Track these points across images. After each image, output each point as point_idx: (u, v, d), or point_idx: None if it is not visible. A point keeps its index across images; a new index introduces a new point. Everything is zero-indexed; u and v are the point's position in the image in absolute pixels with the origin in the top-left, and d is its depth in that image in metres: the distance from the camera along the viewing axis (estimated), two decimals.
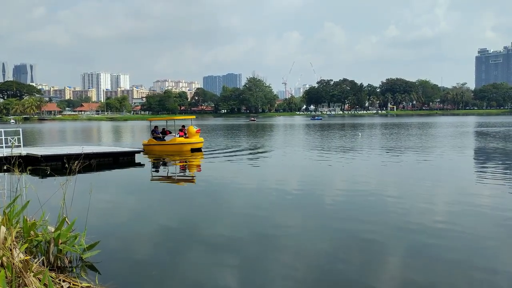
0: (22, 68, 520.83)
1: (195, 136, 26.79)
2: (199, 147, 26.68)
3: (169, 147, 26.45)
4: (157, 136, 27.48)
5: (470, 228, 8.99)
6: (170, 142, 26.63)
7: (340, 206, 11.35)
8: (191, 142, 26.36)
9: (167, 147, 26.42)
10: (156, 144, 26.95)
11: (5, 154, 17.09)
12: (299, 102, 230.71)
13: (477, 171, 18.06)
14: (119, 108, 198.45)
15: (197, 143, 26.72)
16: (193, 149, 26.08)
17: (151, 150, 26.45)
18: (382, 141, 34.63)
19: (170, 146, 26.44)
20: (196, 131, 26.89)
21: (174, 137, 26.85)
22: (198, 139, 26.98)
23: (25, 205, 7.17)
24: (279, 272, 6.78)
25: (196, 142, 26.70)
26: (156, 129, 28.18)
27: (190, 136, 26.69)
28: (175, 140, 26.52)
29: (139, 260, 7.34)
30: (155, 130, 27.97)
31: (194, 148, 26.25)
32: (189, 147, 26.09)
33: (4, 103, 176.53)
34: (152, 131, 27.98)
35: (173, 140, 26.59)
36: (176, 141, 26.44)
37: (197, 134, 26.97)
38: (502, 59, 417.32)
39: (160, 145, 26.79)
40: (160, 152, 26.05)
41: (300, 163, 21.34)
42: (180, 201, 12.49)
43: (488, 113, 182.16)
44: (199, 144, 26.85)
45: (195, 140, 26.65)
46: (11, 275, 5.15)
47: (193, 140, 26.60)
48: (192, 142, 26.39)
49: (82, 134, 56.09)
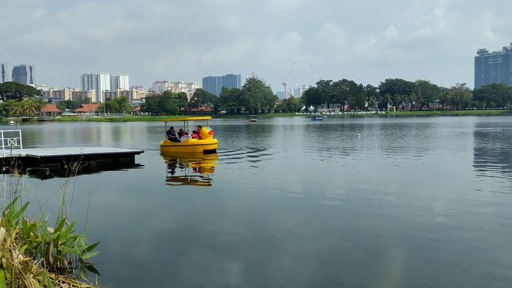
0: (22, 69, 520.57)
1: (208, 138, 26.06)
2: (212, 149, 25.84)
3: (181, 148, 26.14)
4: (172, 137, 27.12)
5: (471, 229, 8.99)
6: (182, 143, 26.30)
7: (341, 207, 11.35)
8: (203, 144, 25.66)
9: (180, 149, 26.13)
10: (170, 145, 26.71)
11: (5, 155, 17.10)
12: (298, 103, 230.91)
13: (477, 171, 18.06)
14: (119, 109, 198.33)
15: (210, 145, 25.88)
16: (206, 151, 25.34)
17: (166, 151, 26.36)
18: (382, 141, 34.64)
19: (183, 147, 26.11)
20: (209, 132, 26.09)
21: (188, 138, 26.46)
22: (211, 140, 26.18)
23: (25, 206, 7.17)
24: (280, 274, 6.77)
25: (209, 143, 25.87)
26: (172, 130, 27.74)
27: (203, 137, 26.04)
28: (188, 141, 26.11)
29: (139, 261, 7.34)
30: (170, 131, 27.59)
31: (207, 149, 25.48)
32: (201, 149, 25.40)
33: (3, 104, 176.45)
34: (168, 132, 27.65)
35: (186, 141, 26.22)
36: (189, 142, 25.98)
37: (210, 135, 26.18)
38: (501, 59, 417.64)
39: (174, 146, 26.52)
40: (174, 153, 25.75)
41: (303, 164, 21.34)
42: (180, 202, 12.48)
43: (487, 114, 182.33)
44: (211, 145, 26.00)
45: (207, 142, 25.88)
46: (11, 276, 5.15)
47: (206, 141, 25.85)
48: (204, 144, 25.66)
49: (81, 135, 56.06)
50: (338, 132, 50.87)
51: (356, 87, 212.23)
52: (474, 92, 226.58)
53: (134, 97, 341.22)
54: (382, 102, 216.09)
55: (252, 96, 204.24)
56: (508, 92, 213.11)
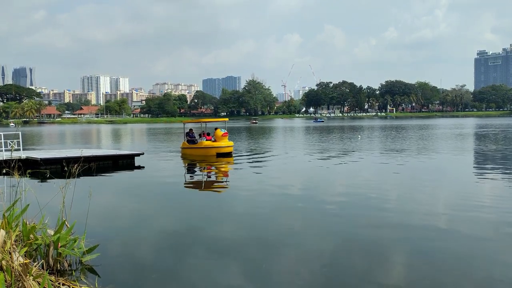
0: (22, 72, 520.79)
1: (222, 140, 25.10)
2: (226, 152, 24.71)
3: (195, 151, 25.52)
4: (190, 139, 26.55)
5: (472, 230, 8.98)
6: (196, 146, 25.71)
7: (342, 208, 11.35)
8: (216, 146, 24.74)
9: (194, 151, 25.55)
10: (187, 148, 26.28)
11: (5, 158, 17.09)
12: (298, 105, 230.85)
13: (477, 172, 18.05)
14: (119, 111, 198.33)
15: (224, 147, 24.83)
16: (219, 154, 24.29)
17: (184, 154, 25.94)
18: (381, 143, 34.64)
19: (196, 150, 25.50)
20: (223, 135, 25.09)
21: (202, 140, 25.69)
22: (225, 143, 25.15)
23: (25, 208, 7.16)
24: (280, 276, 6.77)
25: (222, 146, 24.84)
26: (191, 132, 27.07)
27: (217, 139, 25.16)
28: (201, 143, 25.36)
29: (139, 263, 7.33)
30: (189, 133, 26.99)
31: (220, 152, 24.45)
32: (214, 152, 24.43)
33: (3, 106, 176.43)
34: (187, 134, 27.09)
35: (200, 143, 25.54)
36: (202, 145, 25.23)
37: (224, 137, 25.19)
38: (501, 61, 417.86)
39: (189, 149, 26.02)
40: (190, 156, 25.12)
41: (304, 165, 21.33)
42: (180, 204, 12.48)
43: (487, 115, 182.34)
44: (226, 148, 24.93)
45: (221, 144, 24.89)
46: (11, 278, 5.15)
47: (220, 144, 24.89)
48: (217, 146, 24.74)
49: (81, 137, 56.05)
50: (338, 134, 50.86)
51: (356, 89, 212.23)
52: (474, 94, 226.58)
53: (134, 99, 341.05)
54: (382, 104, 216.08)
55: (252, 98, 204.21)
56: (508, 93, 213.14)
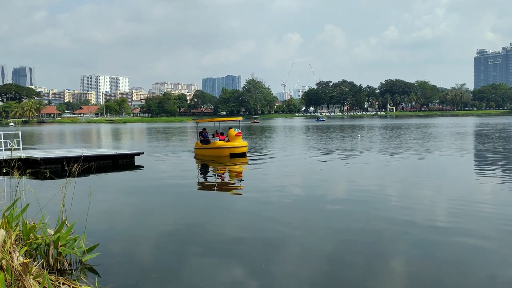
0: (21, 71, 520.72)
1: (236, 140, 24.21)
2: (240, 152, 23.81)
3: (208, 151, 24.73)
4: (203, 139, 25.83)
5: (472, 229, 8.97)
6: (209, 146, 24.91)
7: (343, 208, 11.34)
8: (229, 147, 23.86)
9: (207, 151, 24.78)
10: (200, 148, 25.61)
11: (5, 157, 17.08)
12: (298, 104, 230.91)
13: (478, 171, 18.05)
14: (118, 110, 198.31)
15: (237, 148, 23.93)
16: (233, 154, 23.43)
17: (197, 154, 25.33)
18: (381, 142, 34.64)
19: (209, 150, 24.69)
20: (236, 134, 24.22)
21: (214, 140, 24.96)
22: (240, 143, 24.24)
23: (25, 208, 7.15)
24: (281, 276, 6.76)
25: (236, 146, 23.94)
26: (204, 132, 26.34)
27: (230, 139, 24.28)
28: (215, 143, 24.53)
29: (139, 262, 7.33)
30: (202, 133, 26.22)
31: (234, 153, 23.56)
32: (227, 152, 23.56)
33: (3, 106, 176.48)
34: (200, 134, 26.38)
35: (213, 143, 24.74)
36: (215, 145, 24.37)
37: (237, 137, 24.31)
38: (501, 60, 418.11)
39: (202, 149, 25.30)
40: (203, 156, 24.40)
41: (306, 164, 21.31)
42: (180, 203, 12.46)
43: (487, 114, 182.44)
44: (239, 148, 24.01)
45: (235, 144, 23.98)
46: (11, 278, 5.14)
47: (233, 144, 24.01)
48: (230, 147, 23.86)
49: (81, 137, 56.04)
50: (339, 133, 50.87)
51: (356, 88, 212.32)
52: (474, 93, 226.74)
53: (133, 99, 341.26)
54: (382, 103, 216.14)
55: (252, 97, 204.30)
56: (507, 92, 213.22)
